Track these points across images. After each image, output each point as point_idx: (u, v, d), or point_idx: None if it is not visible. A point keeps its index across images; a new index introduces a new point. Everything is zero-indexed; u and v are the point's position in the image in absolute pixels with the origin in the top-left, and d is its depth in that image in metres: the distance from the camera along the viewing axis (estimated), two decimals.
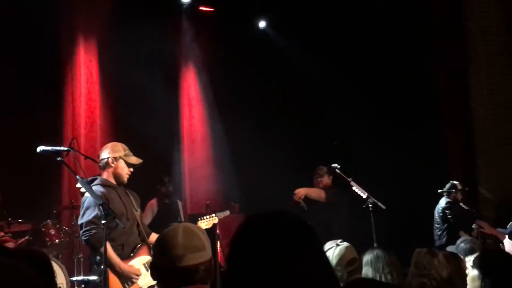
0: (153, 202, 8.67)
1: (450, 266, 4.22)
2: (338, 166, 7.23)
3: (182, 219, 8.54)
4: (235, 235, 1.55)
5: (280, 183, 9.92)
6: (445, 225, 8.59)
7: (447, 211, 8.55)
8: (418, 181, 9.43)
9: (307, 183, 9.69)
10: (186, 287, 2.34)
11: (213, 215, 6.26)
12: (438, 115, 10.59)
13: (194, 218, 8.28)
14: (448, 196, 8.62)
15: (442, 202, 8.70)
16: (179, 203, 8.96)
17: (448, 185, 8.69)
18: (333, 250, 3.77)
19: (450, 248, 6.40)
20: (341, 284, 3.49)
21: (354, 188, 7.04)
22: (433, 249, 4.29)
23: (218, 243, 9.22)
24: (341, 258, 3.71)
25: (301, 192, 7.96)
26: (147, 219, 8.33)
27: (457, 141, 10.43)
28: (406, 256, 4.30)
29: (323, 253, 1.57)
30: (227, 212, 7.66)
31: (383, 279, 3.91)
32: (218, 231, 8.23)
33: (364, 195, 6.91)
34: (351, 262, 3.72)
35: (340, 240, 3.85)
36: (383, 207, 6.84)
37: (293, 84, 10.70)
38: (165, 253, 2.35)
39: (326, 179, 8.28)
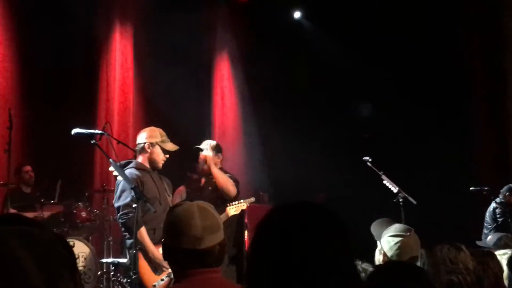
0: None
1: (477, 260, 4.16)
2: (370, 159, 7.14)
3: None
4: (261, 221, 1.53)
5: (310, 174, 9.93)
6: (494, 224, 8.50)
7: (496, 211, 8.47)
8: (449, 176, 9.33)
9: (337, 175, 9.68)
10: (200, 269, 2.30)
11: (241, 201, 6.24)
12: (472, 108, 10.44)
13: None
14: (504, 198, 8.55)
15: (494, 203, 8.61)
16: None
17: (505, 188, 8.60)
18: (402, 240, 3.63)
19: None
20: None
21: (385, 182, 6.96)
22: (456, 243, 4.22)
23: (246, 232, 9.25)
24: (405, 252, 3.59)
25: None
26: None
27: (490, 136, 10.28)
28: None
29: (348, 246, 1.54)
30: (253, 199, 7.67)
31: None
32: (246, 221, 8.20)
33: (395, 189, 6.83)
34: (411, 258, 3.61)
35: (412, 231, 3.71)
36: (414, 202, 6.76)
37: (325, 75, 10.65)
38: (182, 235, 2.27)
39: None
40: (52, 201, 7.59)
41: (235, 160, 10.43)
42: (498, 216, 8.44)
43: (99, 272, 7.21)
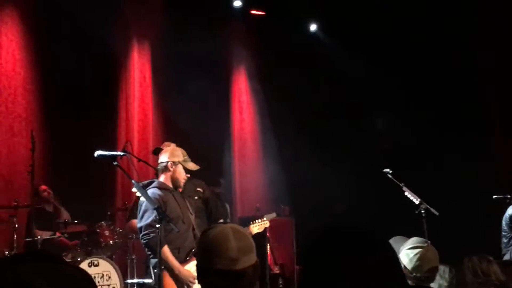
0: None
1: (505, 271, 4.13)
2: (390, 171, 7.14)
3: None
4: (310, 245, 1.57)
5: (330, 187, 9.92)
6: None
7: None
8: (468, 185, 9.26)
9: (357, 187, 9.67)
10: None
11: (264, 219, 6.27)
12: (488, 118, 10.38)
13: (244, 222, 8.34)
14: None
15: (510, 209, 8.48)
16: (227, 207, 8.99)
17: None
18: (419, 251, 3.65)
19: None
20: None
21: (406, 193, 6.95)
22: (486, 256, 4.20)
23: (268, 245, 9.25)
24: (424, 263, 3.61)
25: None
26: None
27: (508, 144, 10.19)
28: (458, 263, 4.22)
29: (397, 265, 1.57)
30: (274, 214, 7.68)
31: None
32: (268, 234, 8.23)
33: (416, 200, 6.81)
34: (431, 269, 3.63)
35: (429, 242, 3.74)
36: (436, 213, 6.74)
37: (343, 87, 10.66)
38: (218, 257, 2.28)
39: None
40: (76, 221, 7.67)
41: (254, 173, 10.48)
42: None
43: (123, 286, 7.25)
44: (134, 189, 4.96)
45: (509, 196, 8.44)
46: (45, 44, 8.61)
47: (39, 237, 7.04)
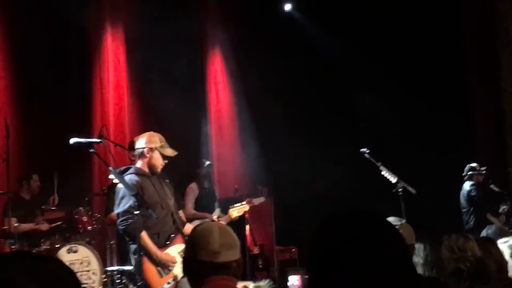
0: (193, 186, 8.64)
1: (481, 248, 4.18)
2: (368, 151, 7.18)
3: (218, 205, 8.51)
4: (317, 233, 1.56)
5: (307, 167, 9.96)
6: (471, 208, 8.57)
7: (472, 194, 8.54)
8: (445, 163, 9.36)
9: (334, 167, 9.72)
10: (218, 276, 2.48)
11: (244, 202, 6.25)
12: (468, 97, 10.48)
13: (224, 203, 8.36)
14: (470, 179, 8.62)
15: (467, 185, 8.69)
16: (215, 189, 8.96)
17: (466, 168, 8.69)
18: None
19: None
20: None
21: (383, 172, 7.00)
22: (464, 233, 4.26)
23: (247, 227, 9.28)
24: None
25: None
26: (190, 204, 8.37)
27: (487, 123, 10.33)
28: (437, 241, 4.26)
29: (403, 248, 1.57)
30: (262, 199, 7.71)
31: (426, 274, 3.87)
32: (246, 215, 8.23)
33: (394, 179, 6.87)
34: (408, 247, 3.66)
35: (404, 221, 3.78)
36: (413, 191, 6.80)
37: (319, 67, 10.66)
38: (202, 249, 2.48)
39: None
40: (53, 208, 7.61)
41: (232, 155, 10.47)
42: (475, 199, 8.51)
43: (103, 276, 7.23)
44: (111, 176, 4.90)
45: (483, 168, 8.60)
46: (17, 30, 8.47)
47: (16, 225, 6.99)
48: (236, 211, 5.98)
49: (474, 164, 8.69)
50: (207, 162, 8.71)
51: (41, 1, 8.38)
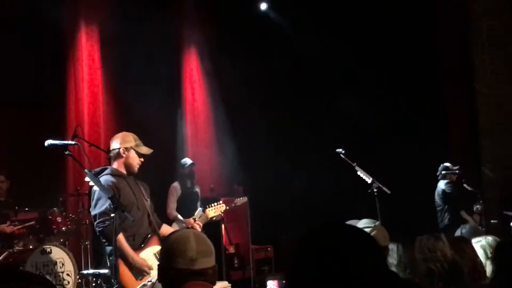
0: (176, 185, 8.61)
1: (454, 248, 4.23)
2: (343, 151, 7.23)
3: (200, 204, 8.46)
4: (297, 245, 1.58)
5: (284, 166, 9.98)
6: (446, 206, 8.69)
7: (447, 191, 8.67)
8: (419, 163, 9.45)
9: (310, 166, 9.76)
10: (194, 281, 2.48)
11: (221, 202, 6.25)
12: (441, 96, 10.59)
13: (201, 203, 8.35)
14: (444, 178, 8.75)
15: (441, 184, 8.82)
16: (198, 187, 8.91)
17: (440, 168, 8.82)
18: (368, 231, 3.68)
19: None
20: None
21: (359, 172, 7.05)
22: (435, 234, 4.30)
23: (223, 226, 9.27)
24: None
25: None
26: (173, 203, 8.35)
27: (460, 122, 10.45)
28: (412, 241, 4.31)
29: (385, 262, 1.61)
30: (245, 199, 7.72)
31: (401, 275, 3.90)
32: (222, 215, 8.23)
33: (369, 180, 6.92)
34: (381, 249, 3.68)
35: (378, 223, 3.79)
36: (388, 191, 6.86)
37: (295, 65, 10.68)
38: (179, 257, 2.49)
39: None
40: (26, 208, 7.52)
41: (208, 154, 10.44)
42: (449, 197, 8.64)
43: (78, 277, 7.17)
44: (87, 179, 4.86)
45: (456, 168, 8.73)
46: None
47: None
48: (213, 211, 5.98)
49: (447, 164, 8.82)
50: (190, 162, 8.68)
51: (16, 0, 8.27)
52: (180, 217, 8.14)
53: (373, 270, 1.48)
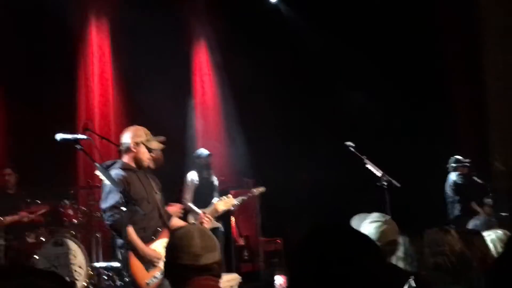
0: (192, 175, 8.56)
1: (463, 241, 4.23)
2: (352, 145, 7.21)
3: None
4: (299, 246, 1.61)
5: (293, 159, 10.00)
6: (457, 197, 8.68)
7: (458, 182, 8.67)
8: (429, 156, 9.44)
9: (319, 159, 9.76)
10: (200, 276, 2.53)
11: (229, 195, 6.23)
12: (450, 89, 10.55)
13: (220, 195, 8.33)
14: (455, 171, 8.75)
15: (452, 175, 8.83)
16: (215, 178, 8.81)
17: (451, 160, 8.81)
18: (378, 224, 3.72)
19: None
20: None
21: (368, 166, 7.02)
22: (445, 227, 4.30)
23: (232, 218, 9.31)
24: (383, 236, 3.68)
25: None
26: (187, 194, 8.34)
27: (469, 115, 10.41)
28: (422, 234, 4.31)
29: (385, 263, 1.65)
30: (262, 188, 7.72)
31: (408, 269, 3.92)
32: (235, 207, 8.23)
33: (378, 173, 6.89)
34: (390, 243, 3.70)
35: (388, 217, 3.81)
36: (398, 185, 6.84)
37: (305, 59, 10.66)
38: (184, 253, 2.53)
39: None
40: (38, 201, 7.59)
41: (218, 147, 10.46)
42: (461, 188, 8.64)
43: (89, 269, 7.23)
44: (97, 172, 4.89)
45: (467, 160, 8.72)
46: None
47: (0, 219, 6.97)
48: (223, 204, 5.98)
49: (459, 157, 8.81)
50: (206, 152, 8.64)
51: None
52: (194, 208, 8.10)
53: (373, 272, 1.51)
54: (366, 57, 10.19)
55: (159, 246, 5.14)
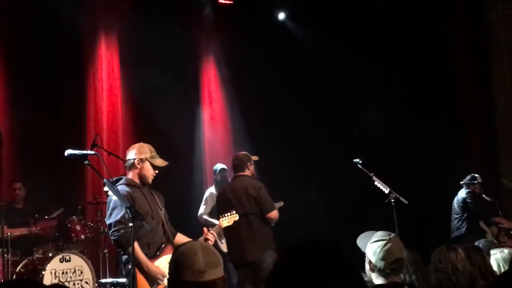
0: (210, 190, 8.57)
1: (469, 259, 4.22)
2: (360, 161, 7.21)
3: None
4: (278, 263, 1.62)
5: (301, 175, 9.99)
6: (465, 214, 8.60)
7: (468, 201, 8.58)
8: (438, 173, 9.40)
9: (327, 175, 9.74)
10: None
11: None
12: (459, 105, 10.53)
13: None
14: (468, 187, 8.68)
15: (462, 192, 8.74)
16: None
17: (468, 177, 8.74)
18: (383, 243, 3.71)
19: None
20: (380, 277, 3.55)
21: (376, 183, 7.02)
22: (452, 245, 4.29)
23: None
24: (388, 255, 3.66)
25: None
26: (203, 208, 8.39)
27: (478, 131, 10.37)
28: (429, 252, 4.30)
29: (356, 276, 1.64)
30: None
31: (407, 279, 3.91)
32: None
33: (386, 190, 6.88)
34: (396, 261, 3.69)
35: (393, 235, 3.80)
36: (406, 202, 6.82)
37: (313, 75, 10.67)
38: (187, 269, 2.50)
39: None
40: (46, 216, 7.62)
41: (226, 163, 10.45)
42: (470, 206, 8.57)
43: (96, 285, 7.24)
44: (106, 188, 4.93)
45: (474, 182, 8.65)
46: (10, 36, 8.48)
47: (8, 234, 6.98)
48: (226, 220, 5.98)
49: (477, 175, 8.74)
50: (220, 167, 8.67)
51: (36, 9, 8.39)
52: (210, 219, 8.12)
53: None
54: (375, 73, 10.20)
55: (163, 262, 5.15)
